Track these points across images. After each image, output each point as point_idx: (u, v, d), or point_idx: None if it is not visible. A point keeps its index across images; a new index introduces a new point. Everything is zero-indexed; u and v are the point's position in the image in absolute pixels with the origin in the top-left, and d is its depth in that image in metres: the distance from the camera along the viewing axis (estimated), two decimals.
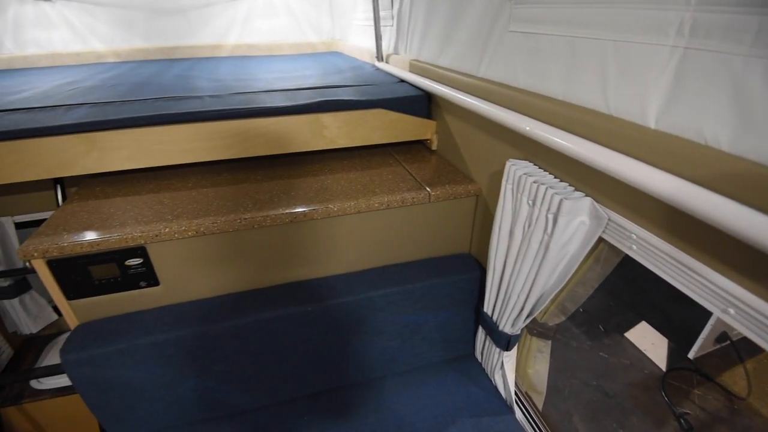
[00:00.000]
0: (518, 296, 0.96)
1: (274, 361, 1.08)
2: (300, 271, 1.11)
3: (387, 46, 1.71)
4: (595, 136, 0.66)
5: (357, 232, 1.10)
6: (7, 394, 1.34)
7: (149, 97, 1.26)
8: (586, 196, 0.74)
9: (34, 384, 1.36)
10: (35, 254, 0.86)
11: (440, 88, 1.12)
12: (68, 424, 1.43)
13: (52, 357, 1.46)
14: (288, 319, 1.03)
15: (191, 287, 1.04)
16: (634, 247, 0.68)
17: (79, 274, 0.92)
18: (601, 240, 0.76)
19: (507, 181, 0.89)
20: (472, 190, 1.10)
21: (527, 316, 0.98)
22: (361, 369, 1.17)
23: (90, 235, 0.89)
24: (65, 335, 1.60)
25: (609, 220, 0.71)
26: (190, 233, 0.93)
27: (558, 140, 0.71)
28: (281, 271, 1.10)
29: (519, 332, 1.05)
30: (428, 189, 1.08)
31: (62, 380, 1.37)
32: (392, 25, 1.63)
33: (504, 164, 0.89)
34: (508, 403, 1.14)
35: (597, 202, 0.72)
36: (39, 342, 1.57)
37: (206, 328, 0.97)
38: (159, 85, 1.47)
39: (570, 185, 0.78)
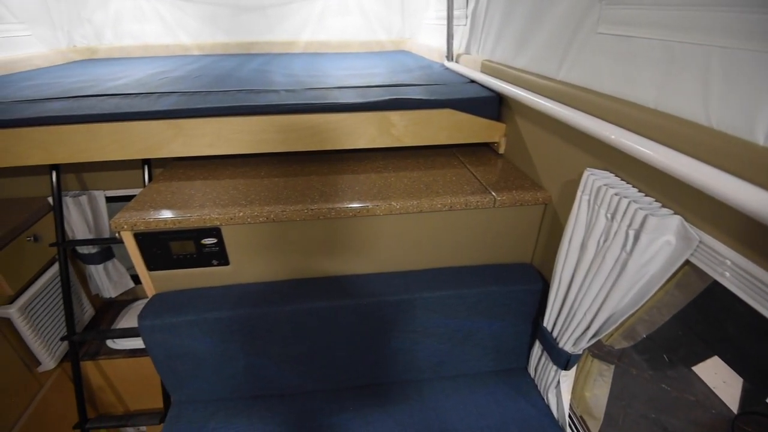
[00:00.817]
0: (584, 314, 0.90)
1: (326, 349, 1.11)
2: (358, 264, 1.13)
3: (458, 45, 1.69)
4: (691, 149, 0.61)
5: (417, 232, 1.09)
6: (86, 350, 1.49)
7: (230, 89, 1.34)
8: (675, 213, 0.68)
9: (110, 343, 1.51)
10: (125, 226, 0.95)
11: (514, 89, 1.09)
12: (135, 383, 1.56)
13: (127, 321, 1.60)
14: (343, 311, 1.05)
15: (256, 270, 1.10)
16: (728, 274, 0.61)
17: (160, 248, 1.00)
18: (686, 263, 0.70)
19: (583, 191, 0.85)
20: (541, 197, 1.06)
21: (592, 337, 0.92)
22: (408, 368, 1.17)
23: (172, 214, 0.97)
24: (140, 302, 1.76)
25: (700, 242, 0.65)
26: (261, 219, 0.98)
27: (647, 151, 0.66)
28: (340, 263, 1.12)
29: (580, 352, 1.00)
30: (494, 193, 1.06)
31: (134, 343, 1.50)
32: (465, 25, 1.60)
33: (580, 173, 0.85)
34: (560, 424, 1.09)
35: (687, 221, 0.66)
36: (116, 306, 1.74)
37: (267, 310, 1.02)
38: (239, 78, 1.56)
39: (656, 201, 0.72)
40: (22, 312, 1.25)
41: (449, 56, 1.69)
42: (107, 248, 1.54)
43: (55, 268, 1.42)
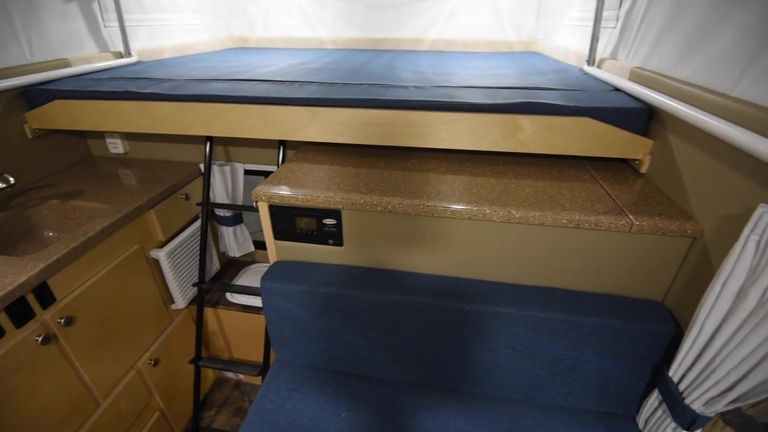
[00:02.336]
0: (728, 373, 0.77)
1: (420, 344, 1.11)
2: (466, 268, 1.12)
3: (602, 49, 1.54)
4: None
5: (534, 245, 1.04)
6: (209, 298, 1.72)
7: (362, 83, 1.41)
8: None
9: (228, 296, 1.72)
10: (263, 198, 1.07)
11: (673, 103, 0.96)
12: (242, 336, 1.76)
13: (244, 279, 1.81)
14: (443, 311, 1.04)
15: (366, 255, 1.15)
16: None
17: (288, 221, 1.11)
18: None
19: (752, 230, 0.71)
20: (690, 229, 0.92)
21: (733, 401, 0.78)
22: (501, 384, 1.12)
23: (302, 192, 1.06)
24: (256, 265, 1.97)
25: None
26: (378, 208, 1.02)
27: None
28: (447, 263, 1.12)
29: (712, 415, 0.85)
30: (631, 216, 0.95)
31: (247, 300, 1.69)
32: (614, 27, 1.46)
33: (749, 208, 0.72)
34: None
35: None
36: (237, 265, 1.98)
37: (370, 295, 1.06)
38: (370, 73, 1.63)
39: None
40: (168, 256, 1.49)
41: (590, 60, 1.55)
42: (239, 214, 1.75)
43: (197, 224, 1.66)
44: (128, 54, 1.89)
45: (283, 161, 1.41)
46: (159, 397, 1.55)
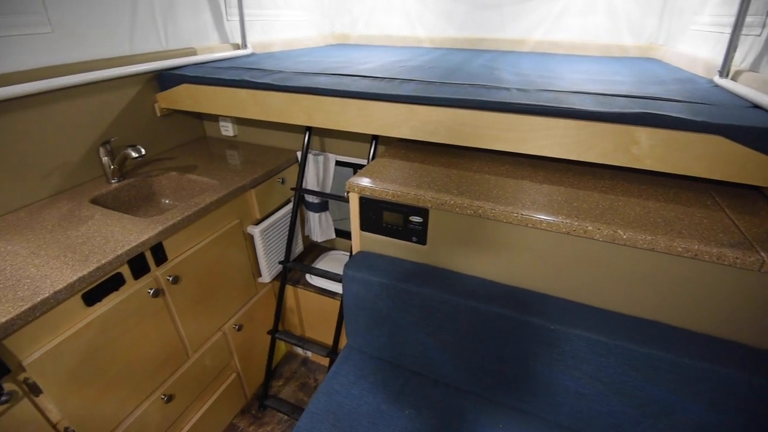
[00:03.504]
0: None
1: (496, 357, 1.08)
2: (555, 285, 1.05)
3: (740, 60, 1.35)
4: None
5: (639, 271, 0.94)
6: (291, 276, 1.83)
7: (461, 82, 1.39)
8: None
9: (308, 277, 1.82)
10: (355, 189, 1.11)
11: None
12: (316, 316, 1.85)
13: (323, 264, 1.90)
14: (527, 327, 1.00)
15: (449, 257, 1.14)
16: None
17: (375, 213, 1.14)
18: None
19: None
20: None
21: None
22: (579, 416, 1.04)
23: (392, 188, 1.08)
24: (335, 251, 2.05)
25: None
26: (468, 212, 1.00)
27: None
28: (535, 277, 1.07)
29: None
30: (762, 254, 0.82)
31: (325, 283, 1.77)
32: (759, 35, 1.26)
33: None
34: None
35: None
36: (318, 249, 2.08)
37: (450, 298, 1.05)
38: (468, 73, 1.60)
39: None
40: (262, 233, 1.61)
41: (724, 71, 1.36)
42: (326, 201, 1.84)
43: (289, 207, 1.78)
44: (244, 46, 2.08)
45: (373, 156, 1.45)
46: (238, 359, 1.69)
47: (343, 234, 2.08)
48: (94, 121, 1.52)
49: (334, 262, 1.93)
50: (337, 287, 1.73)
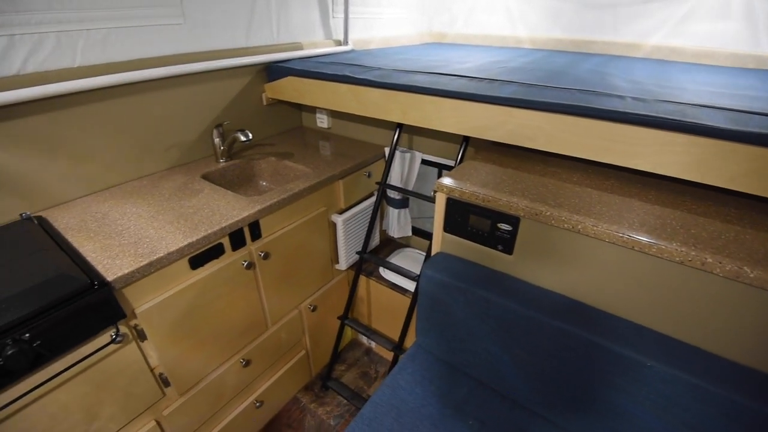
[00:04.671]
0: None
1: (575, 385, 1.00)
2: (655, 317, 0.95)
3: None
4: None
5: (764, 317, 0.81)
6: (366, 267, 1.88)
7: (566, 87, 1.30)
8: None
9: (381, 270, 1.86)
10: (444, 189, 1.10)
11: None
12: (384, 310, 1.88)
13: (397, 260, 1.93)
14: (614, 359, 0.91)
15: (536, 271, 1.08)
16: None
17: (461, 216, 1.12)
18: None
19: None
20: None
21: None
22: None
23: (483, 192, 1.05)
24: (409, 249, 2.06)
25: None
26: (565, 225, 0.94)
27: None
28: (632, 305, 0.97)
29: None
30: None
31: (397, 278, 1.79)
32: None
33: None
34: None
35: None
36: (393, 244, 2.11)
37: (532, 314, 1.00)
38: (574, 77, 1.50)
39: None
40: (344, 223, 1.68)
41: None
42: (407, 198, 1.85)
43: (371, 200, 1.83)
44: (345, 42, 2.17)
45: (462, 158, 1.43)
46: (308, 338, 1.79)
47: (419, 233, 2.08)
48: (211, 106, 1.69)
49: (407, 259, 1.94)
50: (409, 284, 1.74)
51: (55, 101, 1.25)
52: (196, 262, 1.19)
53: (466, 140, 1.43)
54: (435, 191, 1.14)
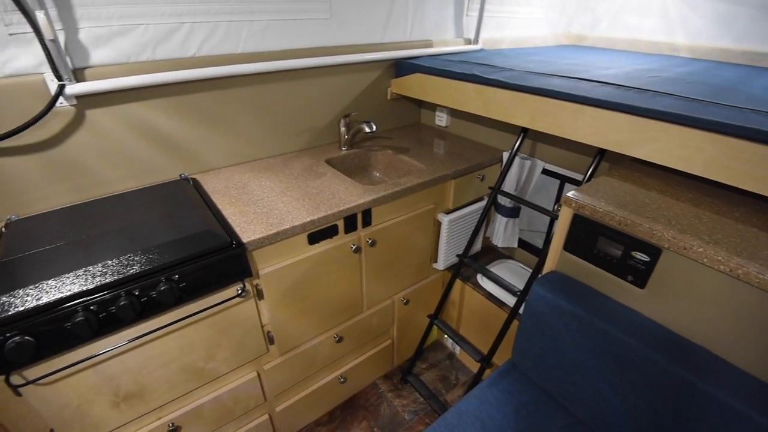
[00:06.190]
0: None
1: None
2: None
3: None
4: None
5: None
6: (463, 271, 1.84)
7: (737, 105, 1.10)
8: None
9: (479, 278, 1.80)
10: (572, 204, 1.01)
11: None
12: (475, 318, 1.83)
13: (498, 270, 1.85)
14: (750, 427, 0.76)
15: (671, 313, 0.94)
16: None
17: (587, 235, 1.02)
18: None
19: None
20: None
21: None
22: None
23: (620, 213, 0.95)
24: (510, 261, 1.96)
25: None
26: (720, 267, 0.80)
27: None
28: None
29: None
30: None
31: (493, 288, 1.72)
32: None
33: None
34: None
35: None
36: (494, 253, 2.04)
37: (661, 361, 0.87)
38: (747, 94, 1.27)
39: None
40: (450, 223, 1.66)
41: None
42: (518, 208, 1.76)
43: (480, 204, 1.78)
44: (476, 41, 2.13)
45: (593, 172, 1.30)
46: (396, 329, 1.82)
47: (525, 245, 1.97)
48: (342, 96, 1.80)
49: (508, 271, 1.86)
50: (507, 298, 1.66)
51: (217, 82, 1.45)
52: (314, 238, 1.29)
53: (601, 153, 1.31)
54: (560, 205, 1.06)
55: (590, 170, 1.30)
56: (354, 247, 1.39)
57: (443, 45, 2.04)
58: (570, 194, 1.02)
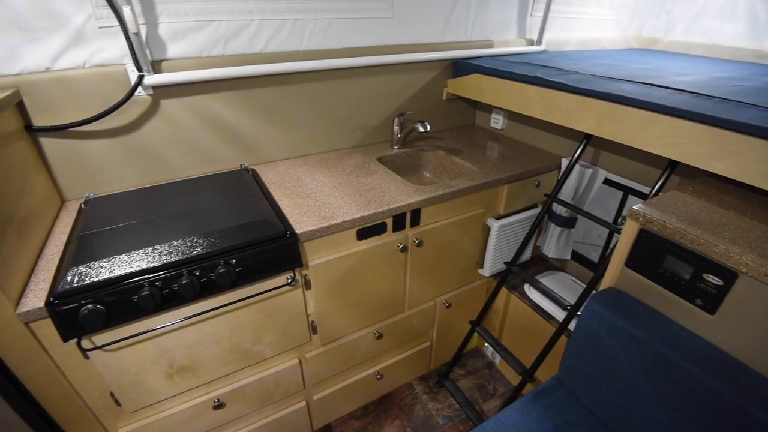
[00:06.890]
0: None
1: None
2: None
3: None
4: None
5: None
6: (511, 280, 1.79)
7: None
8: None
9: (526, 288, 1.74)
10: (639, 218, 0.95)
11: None
12: (519, 329, 1.77)
13: (548, 281, 1.77)
14: None
15: (742, 343, 0.86)
16: None
17: (654, 253, 0.96)
18: None
19: None
20: None
21: None
22: None
23: (693, 231, 0.88)
24: (563, 274, 1.86)
25: None
26: None
27: None
28: None
29: None
30: None
31: (540, 299, 1.66)
32: None
33: None
34: None
35: None
36: (545, 264, 1.96)
37: (725, 392, 0.80)
38: None
39: None
40: (500, 229, 1.62)
41: None
42: (574, 218, 1.68)
43: (534, 211, 1.72)
44: (539, 42, 2.05)
45: (662, 185, 1.22)
46: (436, 332, 1.81)
47: (579, 258, 1.88)
48: (397, 95, 1.81)
49: (558, 283, 1.78)
50: (557, 312, 1.59)
51: (279, 77, 1.50)
52: (362, 234, 1.30)
53: (672, 166, 1.22)
54: (625, 218, 1.00)
55: (659, 183, 1.22)
56: (401, 246, 1.40)
57: (504, 45, 1.98)
58: (636, 207, 0.96)
